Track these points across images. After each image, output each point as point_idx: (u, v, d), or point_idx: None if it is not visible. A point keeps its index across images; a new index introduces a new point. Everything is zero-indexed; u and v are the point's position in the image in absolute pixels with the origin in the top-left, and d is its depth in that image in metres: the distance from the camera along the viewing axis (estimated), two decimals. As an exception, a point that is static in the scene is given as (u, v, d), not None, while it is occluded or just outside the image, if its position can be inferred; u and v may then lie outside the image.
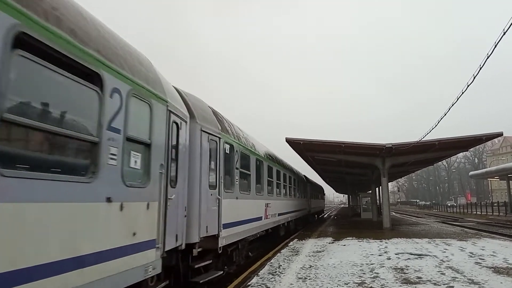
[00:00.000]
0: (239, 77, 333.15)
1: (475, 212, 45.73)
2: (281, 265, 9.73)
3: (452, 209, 57.80)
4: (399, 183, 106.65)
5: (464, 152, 33.94)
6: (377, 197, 35.11)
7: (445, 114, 13.53)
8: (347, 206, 57.23)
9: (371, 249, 12.27)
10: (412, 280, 7.64)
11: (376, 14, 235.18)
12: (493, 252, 11.20)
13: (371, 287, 7.20)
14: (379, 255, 10.97)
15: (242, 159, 9.91)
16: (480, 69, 9.20)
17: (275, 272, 8.83)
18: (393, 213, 40.99)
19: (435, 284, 7.27)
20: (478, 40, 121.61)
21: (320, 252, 11.93)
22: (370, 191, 34.19)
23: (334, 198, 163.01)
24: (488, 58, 8.68)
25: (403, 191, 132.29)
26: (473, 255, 10.68)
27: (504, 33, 7.66)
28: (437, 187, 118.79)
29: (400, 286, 7.19)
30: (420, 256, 10.65)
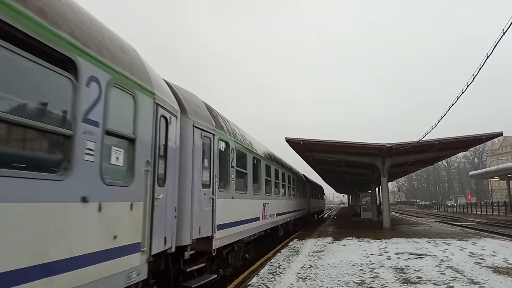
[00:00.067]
0: (239, 77, 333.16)
1: (475, 212, 45.82)
2: (281, 265, 9.67)
3: (452, 209, 57.82)
4: (399, 183, 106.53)
5: (464, 152, 33.88)
6: (377, 197, 35.08)
7: (445, 114, 13.55)
8: (347, 206, 57.03)
9: (371, 249, 12.22)
10: (412, 280, 7.62)
11: (376, 14, 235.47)
12: (493, 252, 11.15)
13: (371, 287, 7.17)
14: (379, 255, 10.92)
15: (239, 157, 9.56)
16: (480, 69, 9.25)
17: (275, 272, 8.79)
18: (393, 213, 41.09)
19: (435, 284, 7.25)
20: (478, 40, 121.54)
21: (320, 252, 11.86)
22: (370, 191, 34.12)
23: (334, 198, 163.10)
24: (488, 58, 8.69)
25: (403, 191, 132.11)
26: (473, 255, 10.64)
27: (504, 33, 7.66)
28: (437, 187, 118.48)
29: (400, 286, 7.16)
30: (420, 256, 10.58)
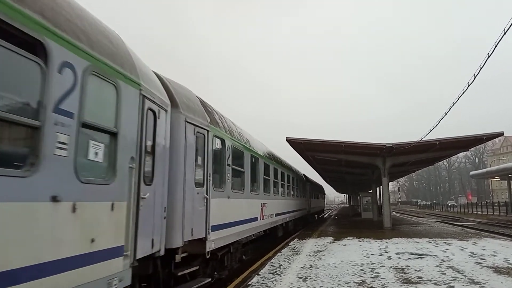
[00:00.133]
0: (239, 77, 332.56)
1: (476, 212, 45.56)
2: (282, 265, 9.58)
3: (453, 209, 57.55)
4: (400, 183, 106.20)
5: (465, 152, 33.61)
6: (378, 197, 34.88)
7: (446, 114, 13.43)
8: (348, 206, 56.72)
9: (372, 249, 12.13)
10: (413, 280, 7.57)
11: (376, 14, 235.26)
12: (494, 252, 11.06)
13: (372, 287, 7.11)
14: (380, 255, 10.83)
15: (235, 155, 9.19)
16: (481, 69, 9.20)
17: (276, 272, 8.72)
18: (394, 213, 40.92)
19: (436, 284, 7.20)
20: (478, 40, 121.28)
21: (321, 252, 11.74)
22: (371, 191, 33.85)
23: (335, 198, 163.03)
24: (489, 58, 8.64)
25: (404, 191, 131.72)
26: (474, 255, 10.56)
27: (505, 33, 7.61)
28: (438, 187, 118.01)
29: (401, 286, 7.11)
30: (421, 256, 10.48)
